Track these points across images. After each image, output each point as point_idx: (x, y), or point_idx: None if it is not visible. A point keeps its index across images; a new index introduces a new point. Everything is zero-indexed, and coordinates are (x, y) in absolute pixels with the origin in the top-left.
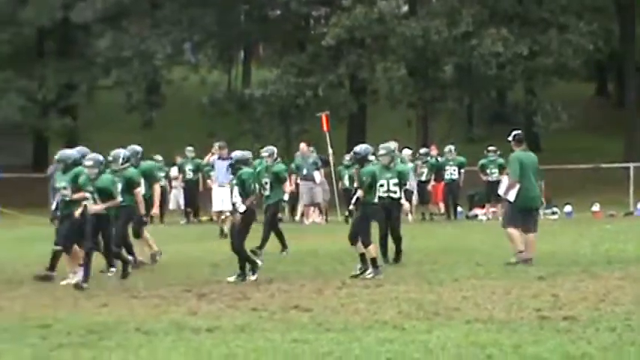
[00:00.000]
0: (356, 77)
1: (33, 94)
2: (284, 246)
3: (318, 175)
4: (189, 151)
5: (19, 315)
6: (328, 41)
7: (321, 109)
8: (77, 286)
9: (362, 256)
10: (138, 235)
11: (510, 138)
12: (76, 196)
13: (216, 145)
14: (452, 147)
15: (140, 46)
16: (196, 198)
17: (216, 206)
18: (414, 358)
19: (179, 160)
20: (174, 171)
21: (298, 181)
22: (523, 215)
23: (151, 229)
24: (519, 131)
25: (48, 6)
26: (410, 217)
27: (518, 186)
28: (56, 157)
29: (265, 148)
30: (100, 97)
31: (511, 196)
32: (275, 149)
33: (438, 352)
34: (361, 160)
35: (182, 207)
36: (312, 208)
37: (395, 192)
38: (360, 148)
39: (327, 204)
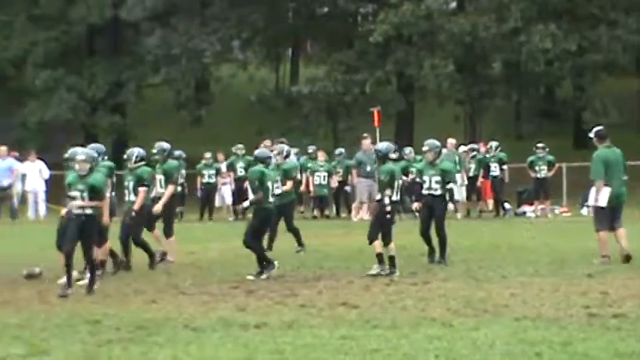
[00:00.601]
0: (403, 74)
1: (83, 92)
2: (269, 247)
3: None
4: (240, 148)
5: (69, 311)
6: (376, 38)
7: (369, 106)
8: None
9: (391, 258)
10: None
11: (592, 135)
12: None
13: (266, 141)
14: (494, 143)
15: (189, 44)
16: (246, 195)
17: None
18: (462, 355)
19: (221, 157)
20: (223, 167)
21: (340, 177)
22: (609, 214)
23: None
24: (601, 127)
25: (98, 4)
26: (459, 215)
27: (608, 189)
28: (66, 155)
29: (277, 147)
30: (149, 94)
31: (602, 201)
32: (286, 147)
33: (486, 349)
34: (383, 157)
35: (228, 204)
36: (361, 205)
37: (436, 189)
38: (381, 145)
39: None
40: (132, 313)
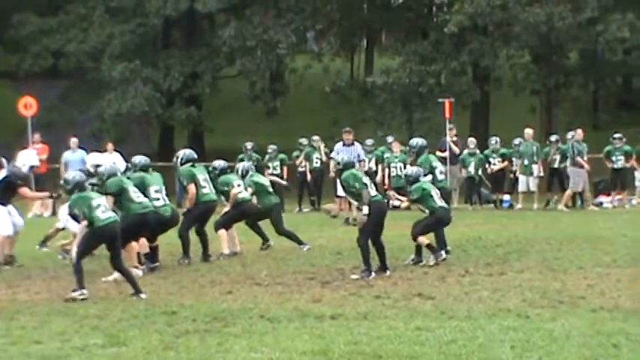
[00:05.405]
0: (479, 65)
1: (158, 84)
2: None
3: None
4: (316, 140)
5: (146, 302)
6: (451, 29)
7: (444, 96)
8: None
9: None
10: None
11: None
12: None
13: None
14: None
15: (264, 36)
16: (322, 187)
17: (340, 192)
18: (538, 346)
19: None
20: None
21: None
22: None
23: None
24: None
25: None
26: (535, 205)
27: None
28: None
29: (238, 165)
30: (224, 86)
31: None
32: (245, 164)
33: (562, 340)
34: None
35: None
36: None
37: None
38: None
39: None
40: (208, 304)
